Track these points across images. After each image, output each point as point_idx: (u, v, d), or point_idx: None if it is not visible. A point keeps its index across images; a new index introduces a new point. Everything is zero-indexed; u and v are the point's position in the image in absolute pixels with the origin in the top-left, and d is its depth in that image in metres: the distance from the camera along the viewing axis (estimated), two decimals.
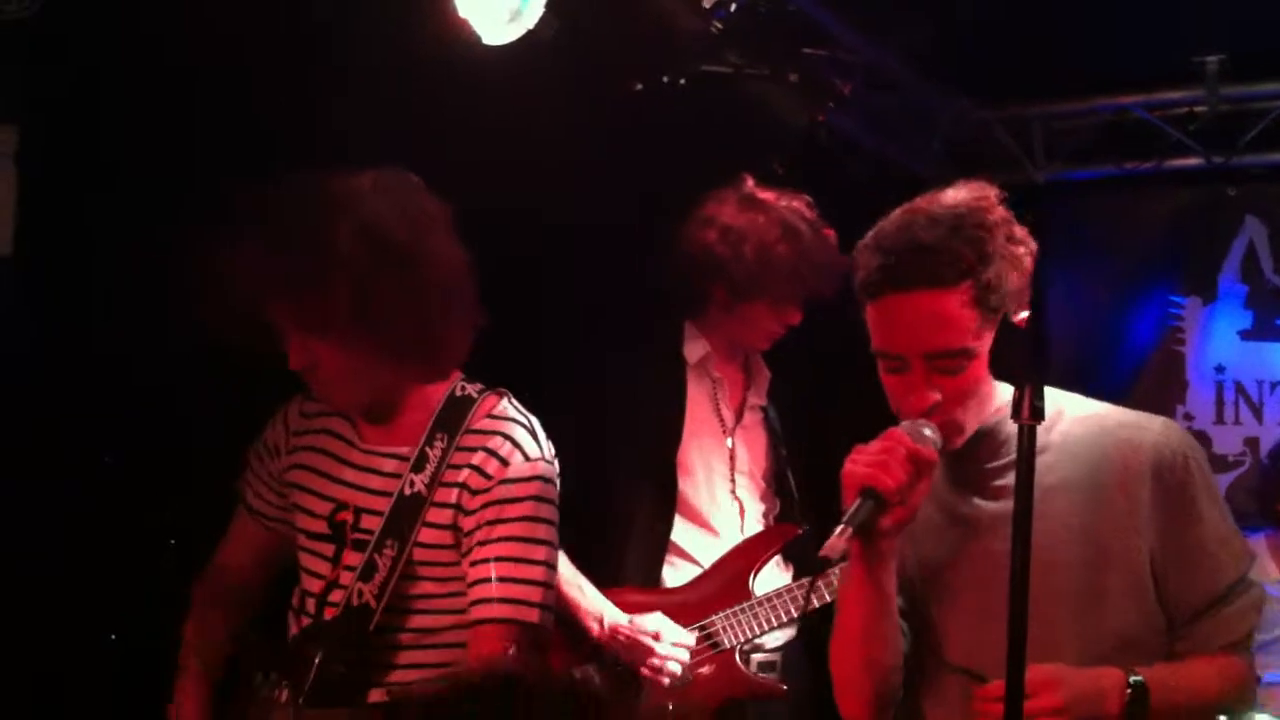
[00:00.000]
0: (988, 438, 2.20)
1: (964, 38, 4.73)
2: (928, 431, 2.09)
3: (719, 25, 3.89)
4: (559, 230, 3.97)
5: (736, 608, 3.49)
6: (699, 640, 3.47)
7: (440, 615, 2.51)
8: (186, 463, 3.18)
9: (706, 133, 4.16)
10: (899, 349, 2.10)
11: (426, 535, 2.50)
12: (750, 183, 3.60)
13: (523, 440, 2.53)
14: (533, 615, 2.47)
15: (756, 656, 3.56)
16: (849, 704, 2.27)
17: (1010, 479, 2.14)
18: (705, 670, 3.47)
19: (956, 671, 2.22)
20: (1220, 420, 5.83)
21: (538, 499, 2.51)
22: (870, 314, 2.14)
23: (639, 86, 3.99)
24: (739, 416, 3.67)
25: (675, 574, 3.56)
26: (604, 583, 3.46)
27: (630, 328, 3.68)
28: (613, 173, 3.98)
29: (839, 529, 1.99)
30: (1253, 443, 5.75)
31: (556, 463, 2.59)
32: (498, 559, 2.46)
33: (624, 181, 4.04)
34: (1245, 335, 5.84)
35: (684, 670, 3.40)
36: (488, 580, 2.45)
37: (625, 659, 3.40)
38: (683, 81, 4.04)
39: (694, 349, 3.63)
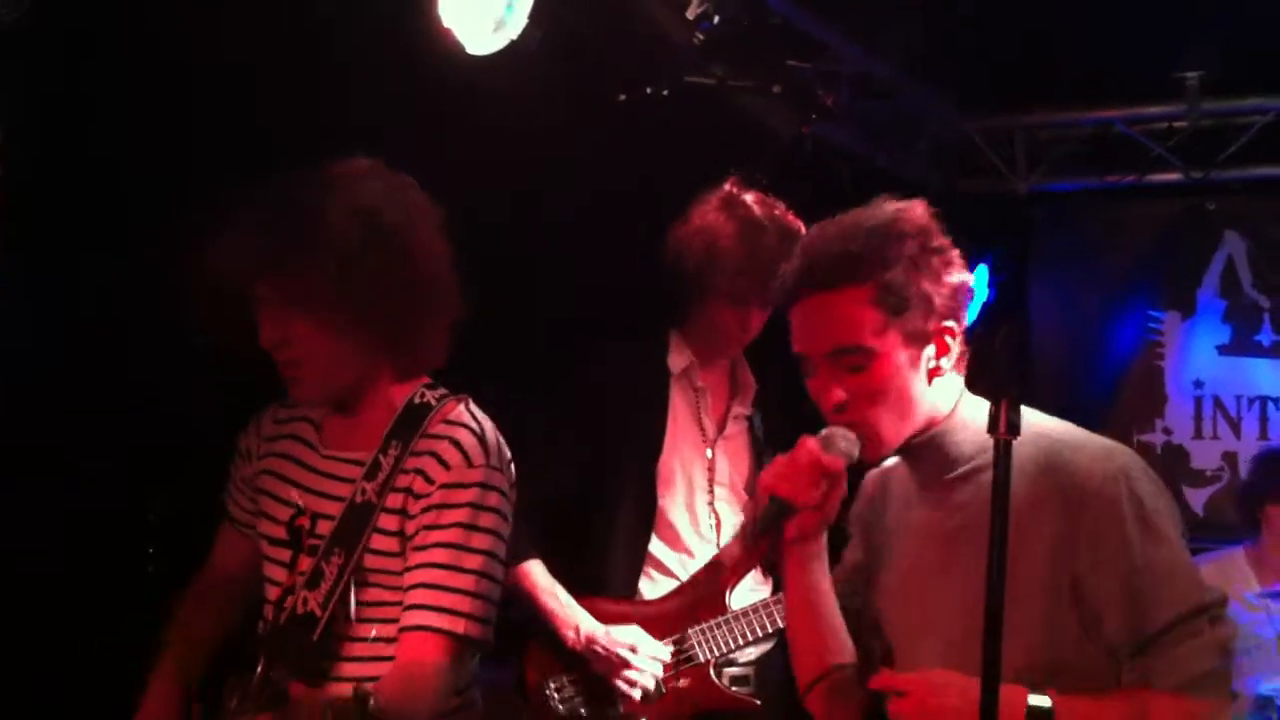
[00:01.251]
0: (933, 450, 2.22)
1: (950, 49, 4.75)
2: (842, 443, 2.16)
3: (702, 37, 3.90)
4: (542, 240, 3.98)
5: (712, 621, 3.49)
6: (674, 653, 3.48)
7: (391, 624, 2.45)
8: (182, 461, 3.18)
9: (690, 144, 4.17)
10: (804, 349, 2.20)
11: (378, 542, 2.46)
12: (732, 184, 3.60)
13: (467, 445, 2.47)
14: (459, 625, 2.40)
15: (730, 670, 3.55)
16: (809, 701, 2.35)
17: (966, 494, 2.19)
18: (680, 683, 3.47)
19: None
20: (1198, 435, 5.86)
21: (476, 506, 2.44)
22: (790, 321, 2.24)
23: (622, 98, 4.00)
24: (721, 427, 3.66)
25: (652, 586, 3.55)
26: (583, 592, 3.47)
27: (615, 339, 3.67)
28: (596, 184, 3.99)
29: (736, 533, 2.13)
30: (1230, 457, 5.79)
31: (508, 470, 2.54)
32: (430, 565, 2.41)
33: (608, 192, 4.04)
34: (1223, 350, 5.88)
35: (657, 684, 3.42)
36: (417, 586, 2.41)
37: (599, 670, 3.42)
38: (666, 93, 4.04)
39: (678, 359, 3.63)
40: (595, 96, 3.96)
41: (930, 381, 2.19)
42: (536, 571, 3.44)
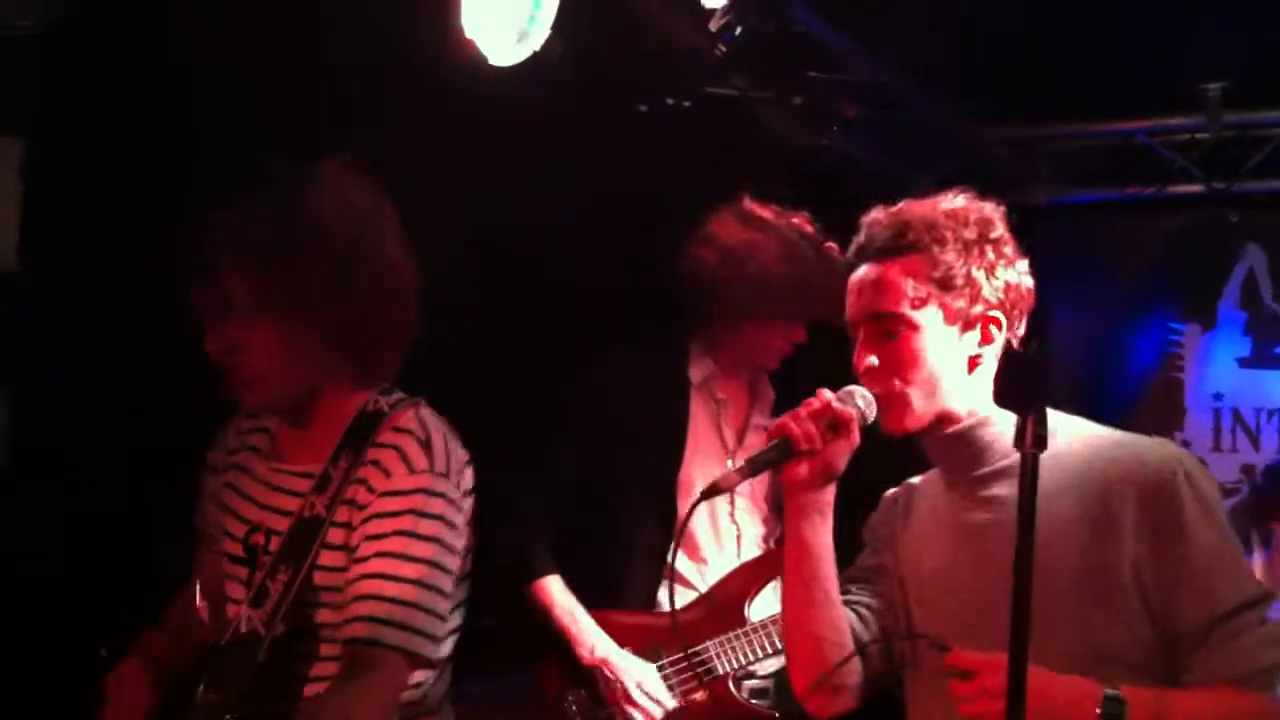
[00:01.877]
0: (962, 442, 2.23)
1: (970, 61, 4.75)
2: (860, 400, 2.21)
3: (724, 48, 3.90)
4: (563, 248, 3.98)
5: (731, 634, 3.48)
6: (693, 665, 3.47)
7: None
8: (181, 462, 3.18)
9: (711, 155, 4.17)
10: (850, 315, 2.26)
11: (326, 558, 2.37)
12: (747, 199, 3.59)
13: (410, 452, 2.37)
14: (398, 638, 2.29)
15: (749, 683, 3.54)
16: (795, 677, 2.34)
17: (998, 489, 2.19)
18: (698, 697, 3.46)
19: (943, 677, 2.22)
20: (1217, 448, 5.83)
21: (416, 513, 2.33)
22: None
23: (643, 108, 4.00)
24: (742, 438, 3.65)
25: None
26: (603, 604, 3.47)
27: (635, 348, 3.67)
28: (617, 193, 4.00)
29: (739, 464, 2.18)
30: (1249, 470, 5.75)
31: (458, 476, 2.42)
32: (370, 575, 2.30)
33: (628, 201, 4.05)
34: (1244, 363, 5.84)
35: None
36: (357, 598, 2.30)
37: (603, 692, 3.42)
38: (687, 103, 4.04)
39: (699, 369, 3.62)
40: (617, 107, 3.97)
41: (971, 370, 2.21)
42: (554, 588, 3.44)
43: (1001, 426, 2.21)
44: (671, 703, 3.43)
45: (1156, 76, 5.04)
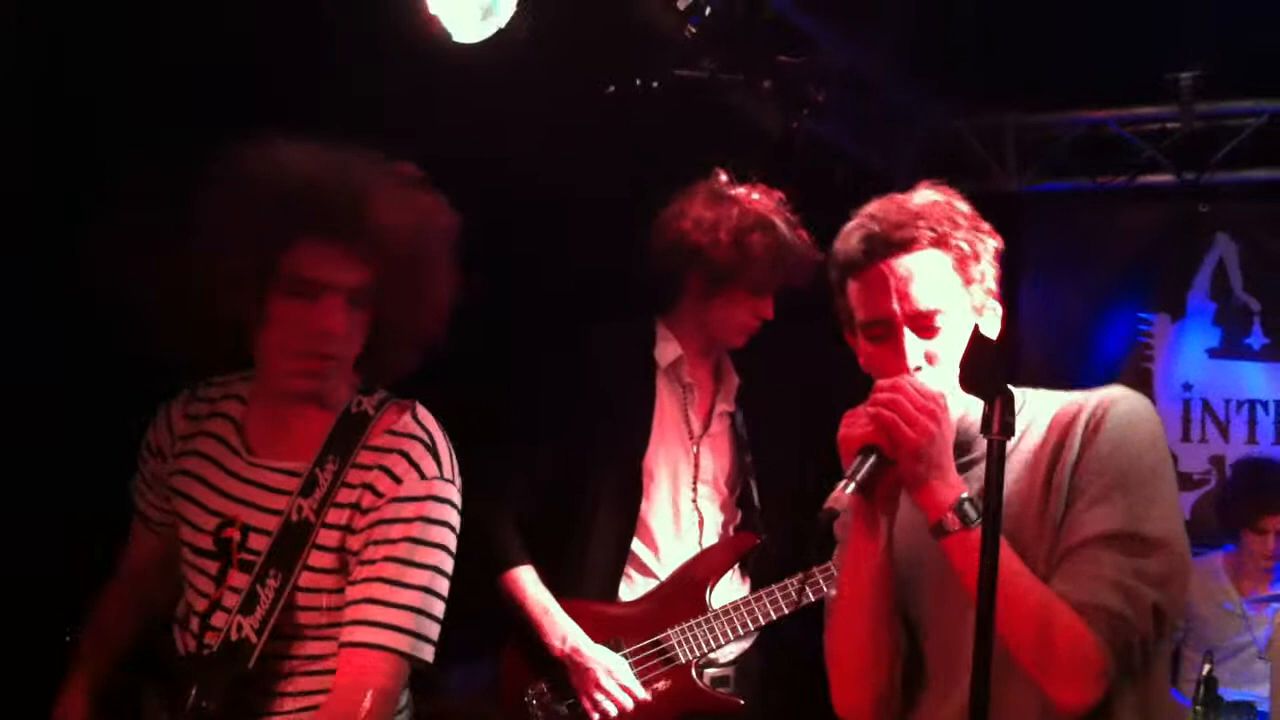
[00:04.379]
0: (956, 433, 2.15)
1: (943, 47, 4.73)
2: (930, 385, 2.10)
3: (693, 30, 3.86)
4: (528, 231, 3.94)
5: (693, 621, 3.46)
6: (655, 654, 3.45)
7: (328, 643, 2.35)
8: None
9: (680, 137, 4.14)
10: (883, 312, 2.15)
11: (315, 560, 2.35)
12: (723, 177, 3.58)
13: (418, 457, 2.36)
14: (403, 643, 2.29)
15: (710, 670, 3.52)
16: (853, 697, 2.19)
17: (972, 476, 2.13)
18: (661, 685, 3.45)
19: (932, 667, 2.17)
20: (1186, 438, 5.85)
21: (426, 520, 2.34)
22: (853, 291, 2.19)
23: (611, 89, 3.96)
24: (707, 424, 3.63)
25: (631, 586, 3.52)
26: (564, 591, 3.44)
27: (601, 330, 3.63)
28: (585, 175, 3.96)
29: (842, 484, 1.96)
30: (1218, 461, 5.77)
31: (459, 480, 2.43)
32: (375, 580, 2.30)
33: (596, 183, 4.01)
34: (1213, 353, 5.86)
35: (619, 713, 3.39)
36: (361, 601, 2.30)
37: (574, 681, 3.40)
38: (656, 85, 4.01)
39: (666, 351, 3.59)
40: (584, 87, 3.93)
41: None
42: (526, 578, 3.42)
43: (975, 414, 2.17)
44: (642, 692, 3.41)
45: (1129, 66, 5.03)
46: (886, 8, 4.53)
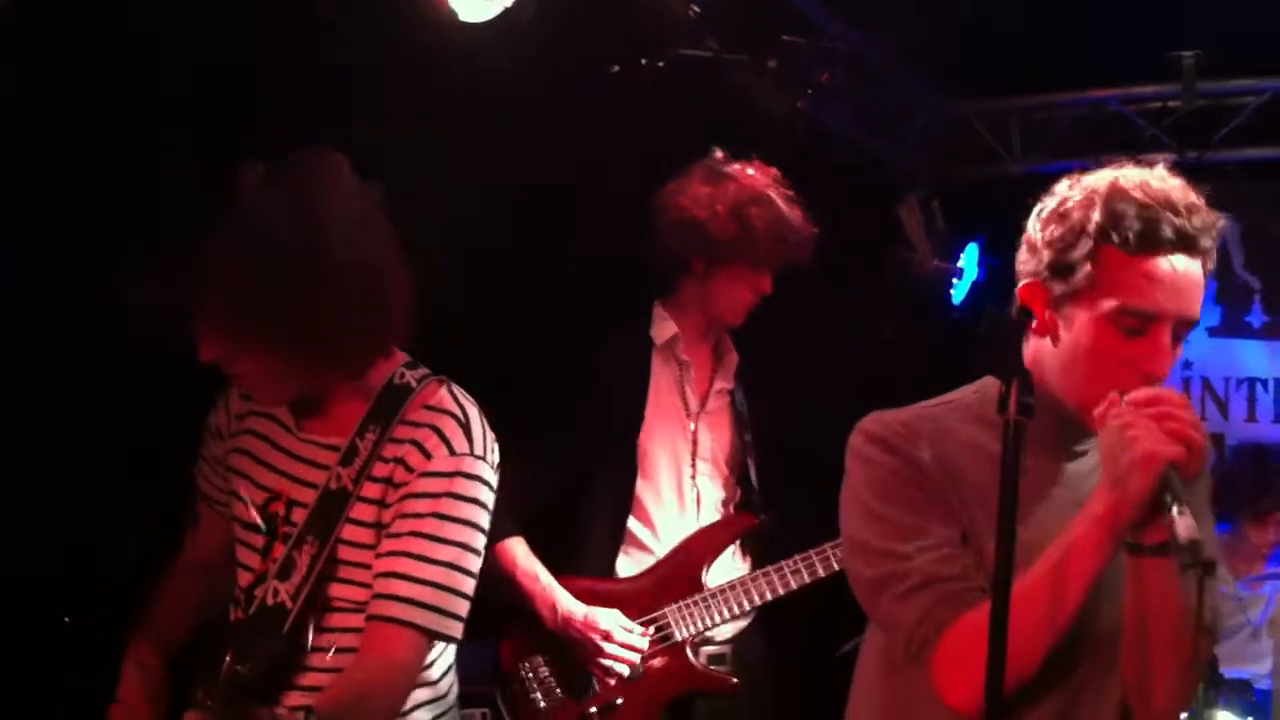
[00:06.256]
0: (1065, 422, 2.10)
1: (945, 30, 4.73)
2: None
3: (697, 9, 3.88)
4: (528, 212, 3.95)
5: (689, 599, 3.47)
6: (651, 631, 3.46)
7: (362, 615, 2.34)
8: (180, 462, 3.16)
9: (684, 117, 4.15)
10: (1161, 309, 2.02)
11: (350, 533, 2.36)
12: (719, 155, 3.61)
13: (450, 433, 2.36)
14: (425, 619, 2.30)
15: (706, 649, 3.54)
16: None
17: (1087, 465, 2.09)
18: (657, 663, 3.45)
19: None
20: None
21: (454, 496, 2.34)
22: (1129, 267, 2.04)
23: (616, 69, 3.97)
24: (704, 402, 3.64)
25: (629, 562, 3.54)
26: (561, 569, 3.45)
27: (597, 310, 3.66)
28: (586, 155, 3.97)
29: (1178, 509, 1.81)
30: (1218, 439, 5.80)
31: (493, 456, 2.42)
32: (401, 554, 2.30)
33: (598, 164, 4.02)
34: (1213, 332, 5.88)
35: (633, 668, 3.40)
36: (387, 575, 2.30)
37: (575, 651, 3.41)
38: (660, 65, 4.02)
39: (662, 330, 3.61)
40: (589, 67, 3.94)
41: None
42: (518, 550, 3.42)
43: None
44: (643, 643, 3.41)
45: (1130, 45, 5.04)
46: None
